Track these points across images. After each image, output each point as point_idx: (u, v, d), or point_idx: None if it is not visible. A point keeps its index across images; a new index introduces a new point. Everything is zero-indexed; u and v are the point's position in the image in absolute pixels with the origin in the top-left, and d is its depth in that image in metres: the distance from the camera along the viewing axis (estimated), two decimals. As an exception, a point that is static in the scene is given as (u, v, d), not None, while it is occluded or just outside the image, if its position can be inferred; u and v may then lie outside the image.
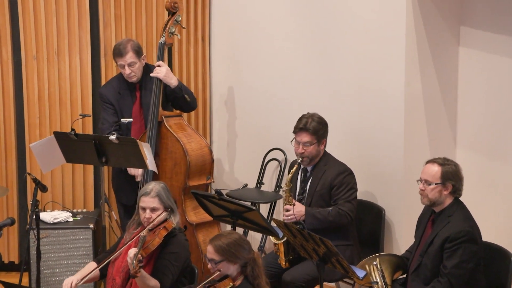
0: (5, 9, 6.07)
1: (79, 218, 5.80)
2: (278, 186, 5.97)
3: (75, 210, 6.01)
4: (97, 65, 6.22)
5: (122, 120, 5.63)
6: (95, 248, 5.65)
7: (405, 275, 4.68)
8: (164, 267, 4.38)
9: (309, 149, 5.07)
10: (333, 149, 5.24)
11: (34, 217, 4.89)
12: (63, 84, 6.18)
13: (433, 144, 5.39)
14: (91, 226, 5.67)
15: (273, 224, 4.56)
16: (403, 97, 5.22)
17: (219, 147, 6.44)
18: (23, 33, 6.11)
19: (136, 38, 6.07)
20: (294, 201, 5.09)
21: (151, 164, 4.98)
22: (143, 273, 4.23)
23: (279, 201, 5.91)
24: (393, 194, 5.35)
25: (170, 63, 6.21)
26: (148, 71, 5.62)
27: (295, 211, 5.03)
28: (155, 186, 4.52)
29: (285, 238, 4.80)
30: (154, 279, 4.32)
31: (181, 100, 5.62)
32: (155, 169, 5.16)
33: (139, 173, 5.51)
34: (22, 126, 6.21)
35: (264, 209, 6.04)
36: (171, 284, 4.39)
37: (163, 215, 4.46)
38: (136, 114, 5.64)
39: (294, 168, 5.11)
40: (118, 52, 5.51)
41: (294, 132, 5.11)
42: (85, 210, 6.07)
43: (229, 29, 6.27)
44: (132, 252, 4.21)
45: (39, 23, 6.10)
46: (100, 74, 6.22)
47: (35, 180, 4.94)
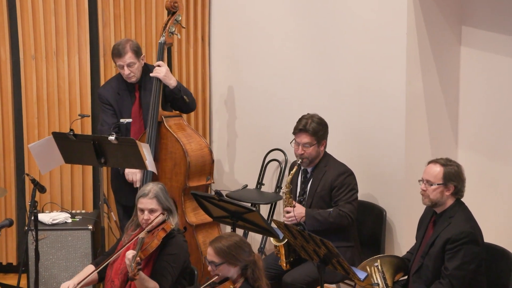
0: (3, 8, 6.05)
1: (78, 219, 5.78)
2: (278, 187, 5.96)
3: (74, 211, 6.00)
4: (96, 65, 6.20)
5: (121, 120, 5.60)
6: (94, 249, 5.63)
7: (406, 277, 4.67)
8: (163, 268, 4.37)
9: (308, 150, 5.04)
10: (333, 149, 5.23)
11: (33, 218, 4.87)
12: (62, 84, 6.16)
13: (434, 144, 5.38)
14: (90, 227, 5.65)
15: (273, 225, 4.54)
16: (404, 96, 5.21)
17: (219, 147, 6.43)
18: (21, 32, 6.08)
19: (135, 37, 6.05)
20: (295, 202, 5.07)
21: (150, 165, 4.95)
22: (141, 275, 4.22)
23: (279, 202, 5.90)
24: (394, 194, 5.33)
25: (169, 63, 6.18)
26: (148, 71, 5.59)
27: (295, 212, 5.01)
28: (153, 187, 4.50)
29: (286, 239, 4.79)
30: (153, 281, 4.30)
31: (180, 101, 5.60)
32: (154, 170, 5.13)
33: (137, 178, 5.48)
34: (21, 126, 6.19)
35: (264, 210, 6.03)
36: (170, 286, 4.38)
37: (162, 217, 4.43)
38: (136, 114, 5.61)
39: (294, 169, 5.09)
40: (117, 53, 5.48)
41: (293, 133, 5.09)
42: (84, 211, 6.06)
43: (229, 28, 6.26)
44: (130, 254, 4.20)
45: (37, 22, 6.08)
46: (99, 74, 6.20)
47: (33, 181, 4.93)
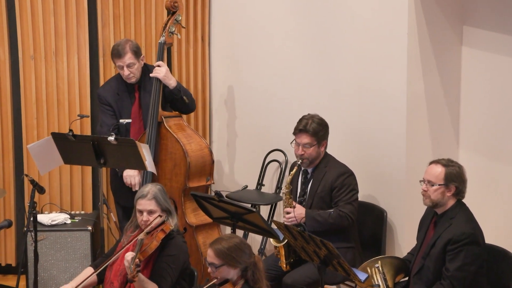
0: (2, 8, 6.04)
1: (77, 220, 5.77)
2: (278, 187, 5.94)
3: (73, 212, 5.99)
4: (95, 65, 6.18)
5: (121, 120, 5.58)
6: (94, 250, 5.62)
7: (407, 278, 4.66)
8: (163, 270, 4.35)
9: (309, 150, 5.03)
10: (333, 149, 5.22)
11: (32, 219, 4.86)
12: (61, 84, 6.15)
13: (435, 144, 5.38)
14: (90, 228, 5.63)
15: (273, 226, 4.53)
16: (405, 97, 5.20)
17: (218, 147, 6.41)
18: (20, 32, 6.07)
19: (135, 38, 6.04)
20: (295, 203, 5.06)
21: (150, 166, 4.93)
22: (141, 276, 4.20)
23: (279, 203, 5.88)
24: (395, 195, 5.32)
25: (169, 63, 6.17)
26: (147, 71, 5.58)
27: (295, 213, 5.00)
28: (152, 188, 4.48)
29: (286, 240, 4.78)
30: (152, 283, 4.29)
31: (179, 101, 5.59)
32: (154, 170, 5.12)
33: (136, 182, 5.46)
34: (20, 127, 6.18)
35: (264, 211, 6.02)
36: (170, 287, 4.35)
37: (160, 218, 4.41)
38: (135, 115, 5.60)
39: (294, 170, 5.07)
40: (117, 53, 5.46)
41: (294, 133, 5.08)
42: (83, 212, 6.05)
43: (229, 28, 6.25)
44: (129, 255, 4.18)
45: (36, 22, 6.07)
46: (98, 74, 6.19)
47: (32, 182, 4.91)
